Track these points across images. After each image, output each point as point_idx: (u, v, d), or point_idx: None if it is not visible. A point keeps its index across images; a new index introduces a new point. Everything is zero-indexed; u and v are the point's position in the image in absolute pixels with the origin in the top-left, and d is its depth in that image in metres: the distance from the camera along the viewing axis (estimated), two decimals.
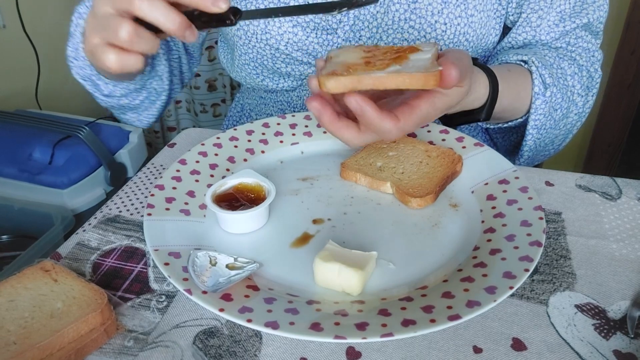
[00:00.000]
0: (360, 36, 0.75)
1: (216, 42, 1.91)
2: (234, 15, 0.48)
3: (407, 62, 0.50)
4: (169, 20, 0.47)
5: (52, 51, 1.76)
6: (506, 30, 0.79)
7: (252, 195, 0.60)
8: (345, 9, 0.47)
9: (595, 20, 0.75)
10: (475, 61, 0.64)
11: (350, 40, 0.75)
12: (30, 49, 1.67)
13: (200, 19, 0.49)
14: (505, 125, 0.73)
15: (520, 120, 0.72)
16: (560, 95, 0.70)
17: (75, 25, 0.70)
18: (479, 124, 0.81)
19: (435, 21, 0.72)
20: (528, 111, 0.70)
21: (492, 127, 0.76)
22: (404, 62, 0.50)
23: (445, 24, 0.72)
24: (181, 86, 0.87)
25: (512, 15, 0.76)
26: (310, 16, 0.74)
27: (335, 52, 0.55)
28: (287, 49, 0.76)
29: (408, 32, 0.72)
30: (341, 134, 0.51)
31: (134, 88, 0.73)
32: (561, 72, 0.71)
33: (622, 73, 1.78)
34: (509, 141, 0.85)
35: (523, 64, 0.71)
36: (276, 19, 0.74)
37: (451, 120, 0.71)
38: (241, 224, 0.58)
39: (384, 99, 0.56)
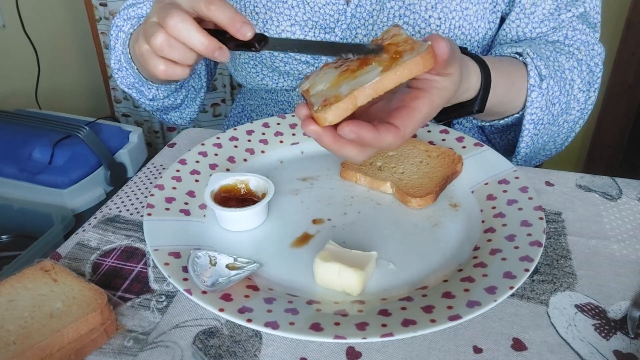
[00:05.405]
0: (356, 34, 0.75)
1: None
2: (258, 42, 0.51)
3: (395, 55, 0.46)
4: (197, 42, 0.51)
5: (52, 51, 1.76)
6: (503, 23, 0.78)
7: (250, 192, 0.60)
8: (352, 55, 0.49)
9: (592, 9, 0.74)
10: (465, 50, 0.62)
11: (347, 39, 0.75)
12: (30, 49, 1.67)
13: (231, 42, 0.52)
14: (502, 122, 0.72)
15: (516, 116, 0.70)
16: (557, 89, 0.69)
17: (115, 38, 0.75)
18: (475, 122, 0.80)
19: (430, 16, 0.72)
20: (524, 107, 0.68)
21: (487, 124, 0.74)
22: (388, 55, 0.46)
23: (440, 18, 0.72)
24: (211, 81, 0.89)
25: (507, 4, 0.75)
26: (308, 14, 0.74)
27: (307, 83, 0.51)
28: None
29: (403, 28, 0.72)
30: (344, 153, 0.49)
31: (175, 88, 0.77)
32: (558, 65, 0.69)
33: (623, 73, 1.78)
34: (506, 140, 0.84)
35: (518, 56, 0.69)
36: (274, 18, 0.74)
37: (443, 114, 0.67)
38: (240, 221, 0.58)
39: (377, 103, 0.53)
